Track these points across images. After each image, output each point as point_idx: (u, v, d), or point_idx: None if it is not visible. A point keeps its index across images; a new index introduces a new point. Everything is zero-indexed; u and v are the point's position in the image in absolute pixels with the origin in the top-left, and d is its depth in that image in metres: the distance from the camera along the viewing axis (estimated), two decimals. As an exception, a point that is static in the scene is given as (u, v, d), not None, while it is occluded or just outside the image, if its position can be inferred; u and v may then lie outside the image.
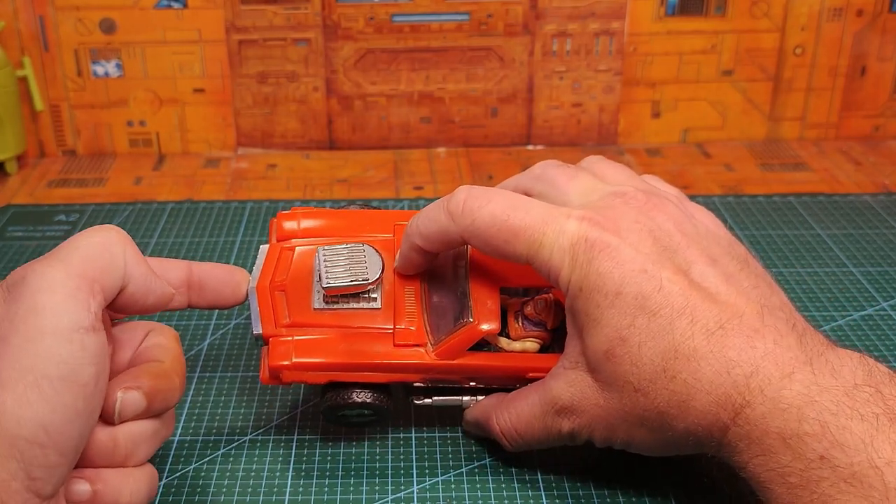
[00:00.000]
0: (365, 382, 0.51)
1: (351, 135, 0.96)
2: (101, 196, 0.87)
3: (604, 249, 0.45)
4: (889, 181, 0.90)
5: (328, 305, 0.52)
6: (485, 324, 0.50)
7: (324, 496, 0.51)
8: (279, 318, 0.52)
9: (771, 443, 0.41)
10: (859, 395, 0.40)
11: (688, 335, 0.43)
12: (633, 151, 0.96)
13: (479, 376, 0.52)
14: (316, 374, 0.51)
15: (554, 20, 0.92)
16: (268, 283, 0.53)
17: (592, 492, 0.51)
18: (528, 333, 0.53)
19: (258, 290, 0.52)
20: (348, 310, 0.52)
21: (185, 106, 0.94)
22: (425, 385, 0.53)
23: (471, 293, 0.52)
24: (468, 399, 0.53)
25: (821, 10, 0.93)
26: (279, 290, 0.53)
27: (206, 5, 0.90)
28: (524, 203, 0.48)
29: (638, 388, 0.45)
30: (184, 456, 0.54)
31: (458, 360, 0.51)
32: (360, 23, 0.91)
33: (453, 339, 0.50)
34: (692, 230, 0.48)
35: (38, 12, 0.89)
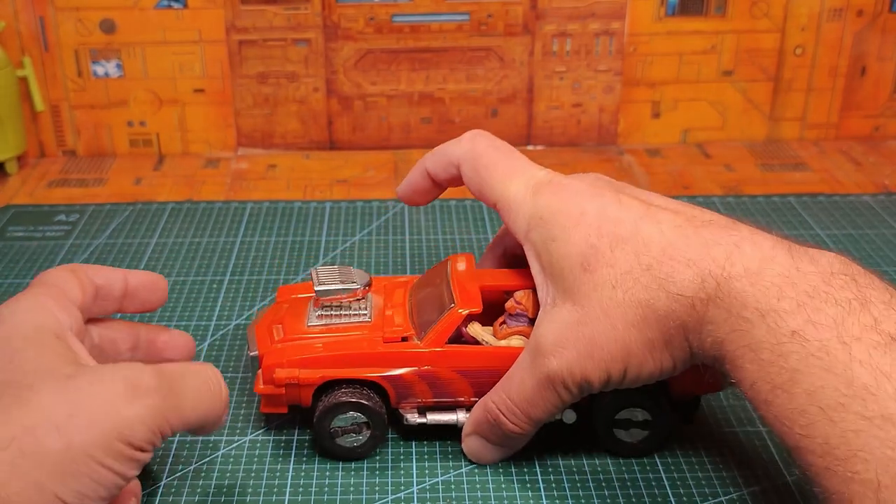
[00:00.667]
0: (356, 379, 0.52)
1: (351, 135, 0.96)
2: (101, 196, 0.87)
3: (566, 186, 0.51)
4: (889, 181, 0.90)
5: (320, 322, 0.54)
6: (466, 308, 0.52)
7: (324, 496, 0.51)
8: (273, 340, 0.54)
9: (748, 316, 0.43)
10: (835, 281, 0.42)
11: (656, 232, 0.47)
12: (633, 152, 0.96)
13: (468, 370, 0.52)
14: (309, 372, 0.52)
15: (554, 20, 0.92)
16: (267, 322, 0.56)
17: (592, 492, 0.51)
18: (512, 331, 0.53)
19: (256, 329, 0.55)
20: (339, 324, 0.54)
21: (185, 106, 0.94)
22: (418, 404, 0.53)
23: (452, 291, 0.54)
24: (462, 416, 0.53)
25: (821, 10, 0.93)
26: (276, 324, 0.55)
27: (206, 5, 0.90)
28: (514, 152, 0.56)
29: (615, 284, 0.47)
30: (184, 456, 0.54)
31: (445, 348, 0.52)
32: (360, 23, 0.91)
33: (438, 326, 0.52)
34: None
35: (39, 12, 0.89)
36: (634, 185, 0.54)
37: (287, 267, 0.74)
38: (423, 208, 0.82)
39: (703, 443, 0.55)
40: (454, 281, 0.55)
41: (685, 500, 0.51)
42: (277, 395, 0.52)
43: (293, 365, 0.52)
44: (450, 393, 0.53)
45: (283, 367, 0.52)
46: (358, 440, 0.53)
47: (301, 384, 0.52)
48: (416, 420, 0.53)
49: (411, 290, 0.57)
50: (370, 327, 0.54)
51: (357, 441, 0.53)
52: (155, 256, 0.75)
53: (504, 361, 0.52)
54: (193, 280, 0.72)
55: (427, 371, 0.52)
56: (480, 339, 0.53)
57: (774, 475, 0.52)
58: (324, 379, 0.52)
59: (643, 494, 0.51)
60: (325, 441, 0.53)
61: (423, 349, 0.52)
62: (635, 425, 0.53)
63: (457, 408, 0.54)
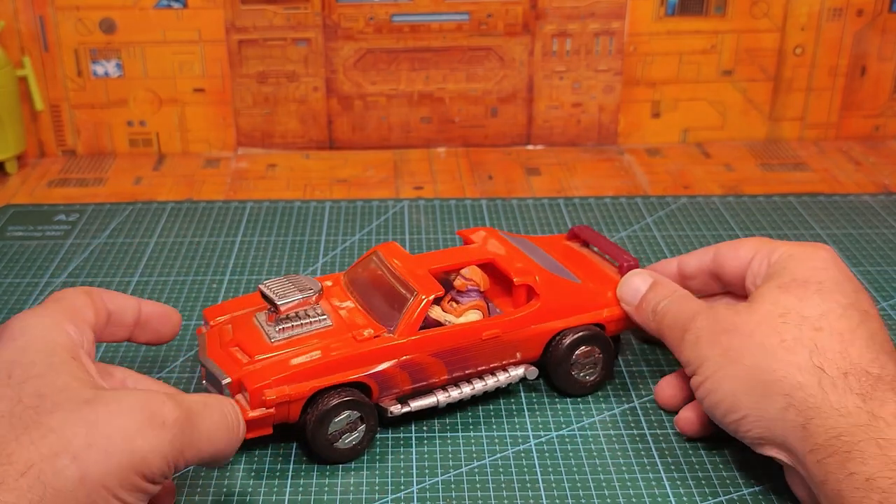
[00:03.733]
0: (345, 383, 0.52)
1: (351, 135, 0.96)
2: (101, 196, 0.87)
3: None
4: (889, 181, 0.89)
5: (284, 335, 0.54)
6: (430, 293, 0.54)
7: (324, 496, 0.51)
8: (240, 363, 0.53)
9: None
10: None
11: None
12: (633, 151, 0.96)
13: (442, 352, 0.54)
14: (298, 386, 0.51)
15: (554, 20, 0.92)
16: (218, 347, 0.55)
17: (592, 492, 0.51)
18: (467, 306, 0.56)
19: (210, 356, 0.54)
20: (304, 334, 0.54)
21: (185, 106, 0.94)
22: (397, 395, 0.54)
23: (407, 280, 0.55)
24: (443, 398, 0.55)
25: (821, 10, 0.93)
26: (231, 346, 0.54)
27: (206, 5, 0.90)
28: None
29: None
30: (184, 456, 0.54)
31: (420, 335, 0.54)
32: (360, 23, 0.91)
33: (407, 315, 0.54)
34: None
35: (38, 12, 0.89)
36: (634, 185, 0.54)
37: (287, 267, 0.74)
38: (423, 208, 0.82)
39: (704, 443, 0.55)
40: (401, 270, 0.56)
41: (685, 500, 0.51)
42: (266, 417, 0.51)
43: (280, 382, 0.51)
44: (427, 377, 0.55)
45: (271, 386, 0.51)
46: (356, 438, 0.53)
47: (292, 400, 0.51)
48: (400, 410, 0.54)
49: (349, 289, 0.58)
50: (335, 331, 0.54)
51: (355, 439, 0.53)
52: (155, 256, 0.75)
53: (472, 335, 0.55)
54: (193, 280, 0.72)
55: (406, 360, 0.54)
56: (443, 321, 0.56)
57: (774, 475, 0.52)
58: (314, 390, 0.52)
59: (643, 494, 0.51)
60: (325, 449, 0.53)
61: (400, 340, 0.53)
62: (590, 366, 0.58)
63: (433, 390, 0.55)
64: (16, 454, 0.39)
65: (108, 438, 0.40)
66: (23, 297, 0.70)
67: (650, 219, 0.81)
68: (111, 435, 0.40)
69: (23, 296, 0.70)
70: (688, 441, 0.55)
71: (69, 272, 0.73)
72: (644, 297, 0.57)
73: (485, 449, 0.54)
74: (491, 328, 0.55)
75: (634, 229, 0.79)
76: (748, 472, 0.53)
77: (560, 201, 0.84)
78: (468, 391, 0.56)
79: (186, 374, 0.61)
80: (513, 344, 0.56)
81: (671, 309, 0.55)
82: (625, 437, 0.55)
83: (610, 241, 0.64)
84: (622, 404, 0.58)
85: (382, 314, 0.55)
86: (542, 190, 0.87)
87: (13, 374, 0.42)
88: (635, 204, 0.83)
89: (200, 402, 0.45)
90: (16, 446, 0.39)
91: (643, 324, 0.57)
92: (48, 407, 0.41)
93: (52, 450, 0.39)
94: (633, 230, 0.79)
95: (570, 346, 0.57)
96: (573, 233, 0.66)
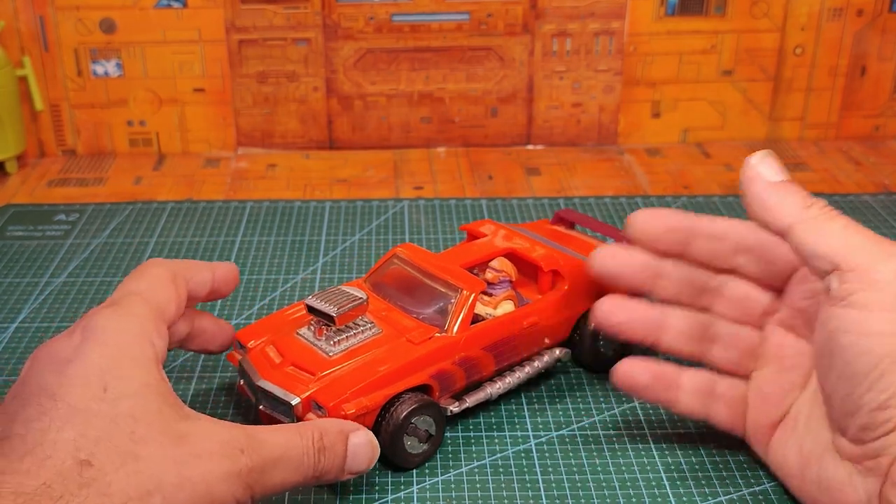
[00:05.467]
0: (412, 388, 0.52)
1: (351, 135, 0.96)
2: (101, 196, 0.87)
3: None
4: (889, 181, 0.90)
5: (340, 347, 0.53)
6: (475, 289, 0.55)
7: (324, 496, 0.51)
8: (305, 381, 0.52)
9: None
10: None
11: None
12: (633, 151, 0.96)
13: (491, 345, 0.55)
14: (370, 397, 0.50)
15: (554, 20, 0.92)
16: (269, 368, 0.53)
17: (592, 492, 0.51)
18: (501, 297, 0.57)
19: (266, 379, 0.53)
20: (359, 344, 0.53)
21: (185, 106, 0.94)
22: (454, 392, 0.55)
23: (442, 279, 0.56)
24: (496, 389, 0.56)
25: (821, 10, 0.93)
26: (286, 366, 0.53)
27: (206, 5, 0.90)
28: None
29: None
30: (184, 456, 0.54)
31: (471, 330, 0.54)
32: (360, 22, 0.91)
33: (456, 313, 0.54)
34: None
35: (38, 12, 0.89)
36: (634, 185, 0.53)
37: (287, 266, 0.74)
38: (423, 208, 0.82)
39: (704, 443, 0.55)
40: (435, 270, 0.56)
41: (685, 500, 0.51)
42: None
43: (357, 395, 0.50)
44: (479, 371, 0.55)
45: (348, 400, 0.50)
46: (428, 441, 0.53)
47: (369, 410, 0.51)
48: (459, 407, 0.54)
49: (379, 294, 0.57)
50: (388, 337, 0.54)
51: (427, 442, 0.53)
52: (155, 256, 0.75)
53: (515, 325, 0.56)
54: (193, 280, 0.72)
55: (462, 357, 0.54)
56: (483, 315, 0.56)
57: (774, 475, 0.52)
58: (387, 397, 0.51)
59: (643, 494, 0.51)
60: (402, 455, 0.52)
61: (456, 337, 0.54)
62: (613, 341, 0.59)
63: (482, 384, 0.56)
64: (114, 485, 0.38)
65: (194, 484, 0.40)
66: (23, 296, 0.70)
67: (650, 219, 0.81)
68: (196, 480, 0.41)
69: (23, 295, 0.70)
70: (688, 440, 0.55)
71: (69, 272, 0.73)
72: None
73: (485, 449, 0.54)
74: (530, 315, 0.57)
75: (634, 229, 0.79)
76: (748, 472, 0.53)
77: (560, 201, 0.84)
78: (515, 380, 0.56)
79: (185, 374, 0.61)
80: (547, 329, 0.58)
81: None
82: (625, 437, 0.55)
83: (599, 220, 0.65)
84: (622, 404, 0.58)
85: (426, 315, 0.55)
86: (542, 190, 0.87)
87: (109, 388, 0.41)
88: (635, 204, 0.83)
89: (279, 451, 0.44)
90: (114, 476, 0.39)
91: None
92: (142, 433, 0.40)
93: (146, 487, 0.39)
94: (633, 230, 0.79)
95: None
96: (558, 216, 0.67)
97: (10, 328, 0.66)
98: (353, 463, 0.47)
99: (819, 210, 0.45)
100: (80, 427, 0.39)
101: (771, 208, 0.47)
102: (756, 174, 0.48)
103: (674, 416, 0.57)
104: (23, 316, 0.67)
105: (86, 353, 0.42)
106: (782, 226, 0.46)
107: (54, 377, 0.41)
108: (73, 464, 0.38)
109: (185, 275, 0.50)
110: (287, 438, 0.45)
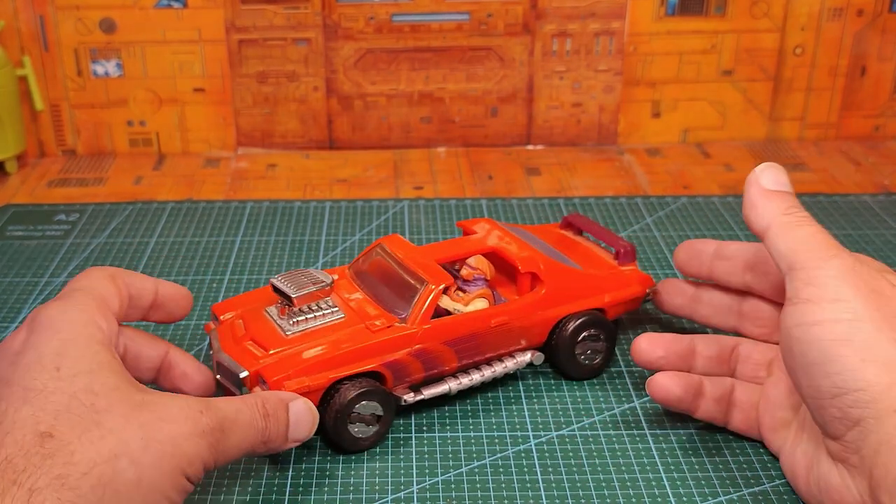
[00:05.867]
0: (361, 373, 0.53)
1: (351, 135, 0.96)
2: (101, 196, 0.87)
3: None
4: (889, 181, 0.90)
5: (298, 328, 0.54)
6: (441, 283, 0.55)
7: (324, 496, 0.51)
8: (257, 356, 0.53)
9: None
10: None
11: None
12: (633, 151, 0.96)
13: (453, 340, 0.55)
14: (317, 377, 0.52)
15: (554, 20, 0.92)
16: (231, 341, 0.55)
17: (592, 492, 0.51)
18: (474, 295, 0.57)
19: (225, 351, 0.55)
20: (318, 326, 0.55)
21: (185, 106, 0.94)
22: (410, 383, 0.55)
23: (412, 271, 0.56)
24: (456, 385, 0.56)
25: (821, 10, 0.93)
26: (246, 341, 0.55)
27: (206, 5, 0.90)
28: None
29: None
30: (184, 456, 0.54)
31: (432, 324, 0.54)
32: (360, 23, 0.91)
33: (419, 305, 0.55)
34: None
35: (38, 12, 0.89)
36: (634, 185, 0.54)
37: (287, 266, 0.74)
38: (423, 208, 0.82)
39: (704, 443, 0.55)
40: (408, 261, 0.57)
41: (685, 500, 0.51)
42: None
43: (299, 374, 0.52)
44: (439, 365, 0.56)
45: (290, 378, 0.51)
46: (373, 426, 0.54)
47: (311, 391, 0.52)
48: (414, 398, 0.55)
49: (355, 282, 0.59)
50: (348, 322, 0.55)
51: (373, 427, 0.54)
52: (155, 256, 0.75)
53: (482, 322, 0.56)
54: (193, 279, 0.72)
55: (419, 349, 0.54)
56: (452, 309, 0.56)
57: (774, 475, 0.52)
58: (332, 380, 0.52)
59: (643, 494, 0.51)
60: (345, 438, 0.53)
61: (413, 329, 0.54)
62: (593, 350, 0.59)
63: (444, 378, 0.56)
64: (78, 453, 0.39)
65: (161, 444, 0.41)
66: (23, 296, 0.70)
67: (650, 219, 0.81)
68: (163, 440, 0.42)
69: (22, 295, 0.70)
70: (688, 440, 0.55)
71: (69, 272, 0.73)
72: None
73: (485, 449, 0.54)
74: (499, 315, 0.57)
75: (634, 229, 0.79)
76: (748, 472, 0.53)
77: (560, 201, 0.84)
78: (478, 378, 0.57)
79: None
80: (519, 330, 0.58)
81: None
82: (625, 437, 0.55)
83: (604, 228, 0.65)
84: (622, 404, 0.58)
85: (392, 304, 0.56)
86: (542, 190, 0.87)
87: (63, 368, 0.42)
88: (635, 204, 0.84)
89: (234, 412, 0.46)
90: (77, 445, 0.40)
91: None
92: (103, 405, 0.41)
93: (113, 451, 0.40)
94: (633, 230, 0.79)
95: (575, 331, 0.58)
96: (567, 221, 0.67)
97: (10, 328, 0.66)
98: (295, 430, 0.49)
99: (795, 217, 0.49)
100: (38, 404, 0.41)
101: (756, 210, 0.50)
102: (755, 179, 0.51)
103: (674, 416, 0.57)
104: (23, 316, 0.67)
105: (36, 342, 0.44)
106: (761, 227, 0.50)
107: (7, 367, 0.43)
108: (34, 437, 0.39)
109: (125, 278, 0.51)
110: (236, 405, 0.47)
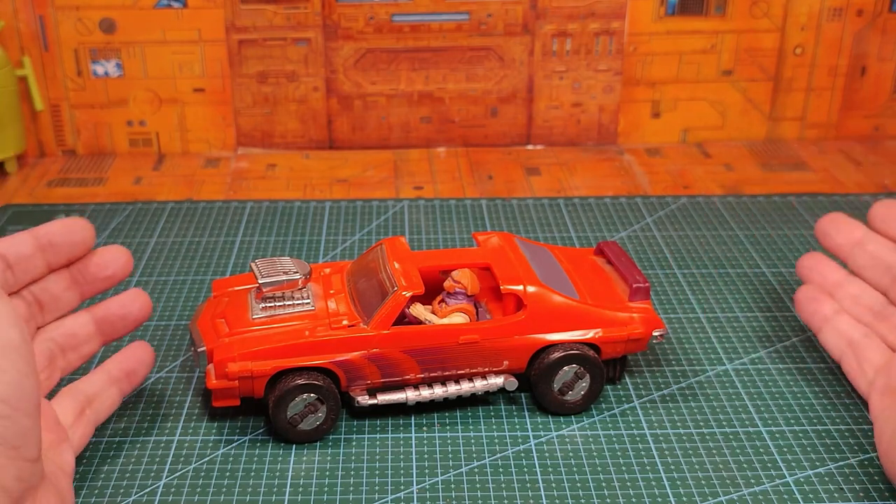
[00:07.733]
0: (310, 367, 0.53)
1: (351, 135, 0.96)
2: (100, 196, 0.87)
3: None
4: (889, 181, 0.90)
5: (265, 313, 0.55)
6: (410, 290, 0.54)
7: (324, 496, 0.51)
8: (220, 334, 0.55)
9: None
10: None
11: None
12: (633, 151, 0.96)
13: (415, 350, 0.55)
14: (261, 364, 0.53)
15: (554, 20, 0.92)
16: (208, 317, 0.56)
17: (592, 492, 0.51)
18: (452, 308, 0.56)
19: (199, 324, 0.56)
20: (284, 315, 0.55)
21: (185, 106, 0.94)
22: (367, 386, 0.55)
23: (392, 275, 0.56)
24: (414, 395, 0.55)
25: (821, 10, 0.93)
26: (219, 318, 0.56)
27: (206, 5, 0.90)
28: None
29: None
30: (184, 456, 0.54)
31: (392, 330, 0.54)
32: (360, 23, 0.91)
33: (383, 310, 0.54)
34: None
35: (38, 12, 0.89)
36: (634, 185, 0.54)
37: (287, 266, 0.74)
38: (422, 208, 0.82)
39: (703, 443, 0.55)
40: (392, 265, 0.56)
41: (685, 500, 0.51)
42: (230, 388, 0.53)
43: (245, 358, 0.53)
44: (398, 373, 0.55)
45: (235, 360, 0.53)
46: (317, 420, 0.54)
47: (254, 376, 0.53)
48: (367, 402, 0.55)
49: (348, 277, 0.59)
50: (314, 316, 0.55)
51: (316, 421, 0.54)
52: (155, 256, 0.75)
53: (448, 337, 0.55)
54: (193, 279, 0.72)
55: (376, 353, 0.54)
56: (423, 319, 0.56)
57: (774, 475, 0.52)
58: (276, 369, 0.53)
59: (643, 494, 0.51)
60: (286, 430, 0.54)
61: (370, 333, 0.54)
62: (575, 387, 0.56)
63: (405, 386, 0.56)
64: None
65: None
66: (23, 296, 0.69)
67: (650, 219, 0.81)
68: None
69: (23, 296, 0.70)
70: (688, 440, 0.55)
71: (69, 272, 0.73)
72: None
73: (485, 449, 0.54)
74: (469, 333, 0.55)
75: (634, 229, 0.79)
76: (748, 472, 0.53)
77: (560, 201, 0.84)
78: (439, 392, 0.56)
79: (186, 374, 0.61)
80: (497, 352, 0.56)
81: None
82: (625, 437, 0.55)
83: (629, 260, 0.61)
84: (622, 404, 0.58)
85: (365, 306, 0.56)
86: (541, 190, 0.87)
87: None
88: (635, 204, 0.84)
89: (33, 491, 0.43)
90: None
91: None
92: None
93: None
94: (633, 230, 0.79)
95: (555, 363, 0.56)
96: (599, 248, 0.64)
97: (10, 328, 0.66)
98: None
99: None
100: None
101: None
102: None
103: (674, 416, 0.57)
104: (23, 316, 0.67)
105: None
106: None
107: None
108: None
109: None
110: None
